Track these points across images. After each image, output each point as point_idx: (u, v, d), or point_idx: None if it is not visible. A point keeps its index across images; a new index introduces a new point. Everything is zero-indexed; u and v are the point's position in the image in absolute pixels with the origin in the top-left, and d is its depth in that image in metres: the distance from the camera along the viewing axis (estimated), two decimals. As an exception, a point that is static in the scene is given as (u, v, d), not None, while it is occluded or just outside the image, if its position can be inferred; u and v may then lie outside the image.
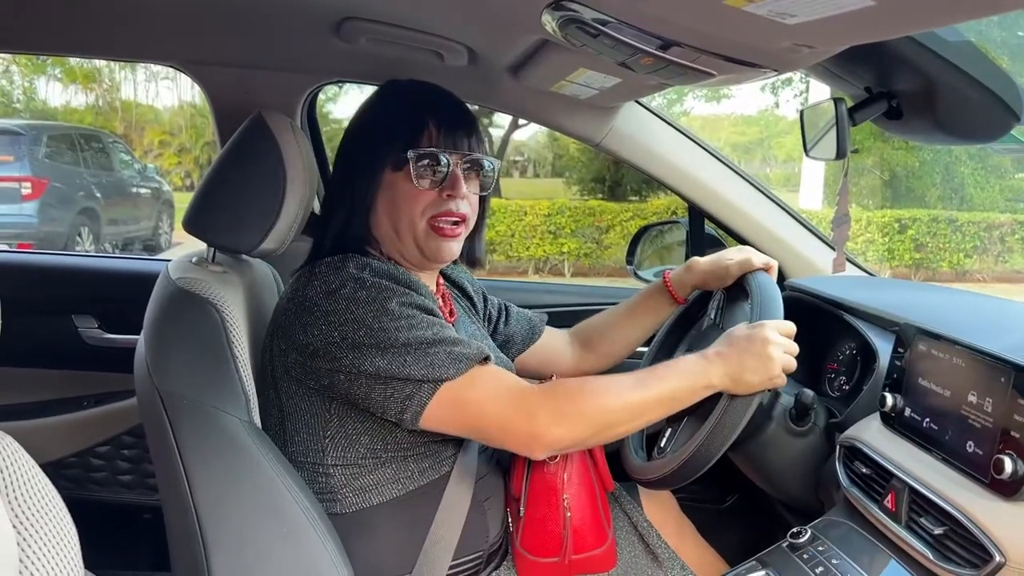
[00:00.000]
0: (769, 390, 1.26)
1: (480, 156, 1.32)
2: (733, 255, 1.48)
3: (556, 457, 1.33)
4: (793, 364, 1.23)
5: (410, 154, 1.26)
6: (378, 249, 1.35)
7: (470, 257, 1.46)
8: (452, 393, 1.17)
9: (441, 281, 1.47)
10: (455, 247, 1.33)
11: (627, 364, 2.02)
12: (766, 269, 1.44)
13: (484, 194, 1.37)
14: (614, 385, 1.21)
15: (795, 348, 1.24)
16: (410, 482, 1.28)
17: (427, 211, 1.29)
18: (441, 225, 1.29)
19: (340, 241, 1.31)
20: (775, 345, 1.21)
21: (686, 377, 1.22)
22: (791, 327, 1.26)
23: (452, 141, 1.29)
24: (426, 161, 1.27)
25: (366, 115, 1.37)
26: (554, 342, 1.69)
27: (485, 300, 1.64)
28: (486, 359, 1.20)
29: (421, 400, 1.16)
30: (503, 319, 1.65)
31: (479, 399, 1.18)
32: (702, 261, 1.54)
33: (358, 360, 1.16)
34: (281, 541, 1.17)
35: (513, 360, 1.62)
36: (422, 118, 1.29)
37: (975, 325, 1.28)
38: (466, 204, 1.31)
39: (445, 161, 1.28)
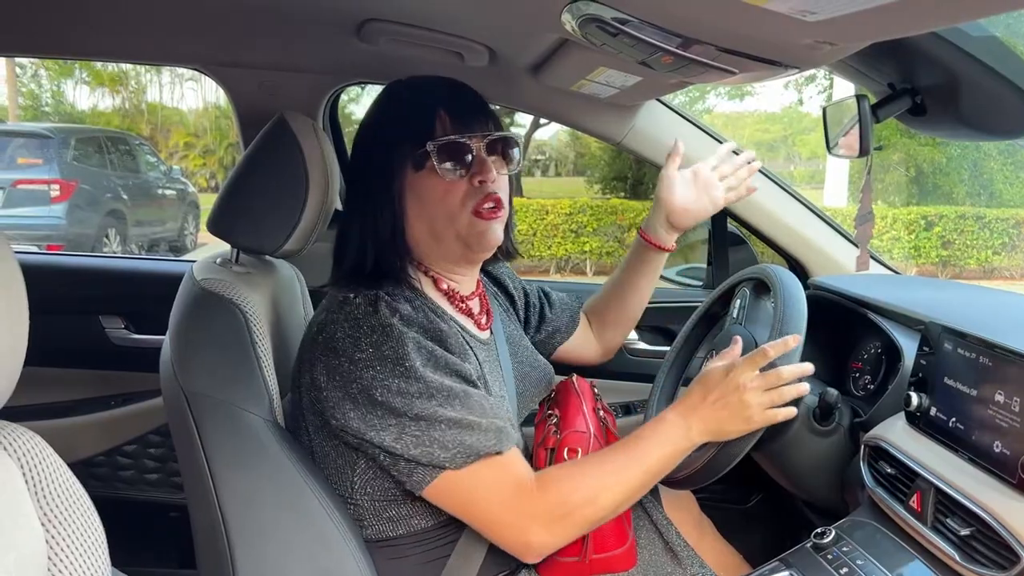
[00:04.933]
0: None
1: (500, 134, 1.27)
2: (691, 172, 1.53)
3: (577, 454, 1.33)
4: (781, 398, 1.20)
5: (429, 147, 1.21)
6: (416, 259, 1.30)
7: (504, 247, 1.37)
8: (450, 482, 1.15)
9: (480, 280, 1.42)
10: (499, 229, 1.27)
11: (643, 363, 2.03)
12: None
13: (512, 172, 1.30)
14: (604, 476, 1.19)
15: (779, 380, 1.20)
16: (440, 513, 1.23)
17: (465, 202, 1.23)
18: (481, 210, 1.24)
19: (378, 259, 1.26)
20: (751, 391, 1.19)
21: (668, 445, 1.21)
22: (772, 356, 1.20)
23: (468, 125, 1.24)
24: (447, 151, 1.22)
25: (371, 123, 1.32)
26: (585, 328, 1.69)
27: (526, 295, 1.61)
28: (497, 453, 1.16)
29: (420, 480, 1.15)
30: (548, 307, 1.63)
31: (477, 496, 1.16)
32: (663, 195, 1.54)
33: (364, 428, 1.14)
34: (304, 538, 1.18)
35: (557, 348, 1.64)
36: (431, 109, 1.23)
37: (1002, 323, 1.27)
38: (498, 186, 1.25)
39: (467, 146, 1.23)
